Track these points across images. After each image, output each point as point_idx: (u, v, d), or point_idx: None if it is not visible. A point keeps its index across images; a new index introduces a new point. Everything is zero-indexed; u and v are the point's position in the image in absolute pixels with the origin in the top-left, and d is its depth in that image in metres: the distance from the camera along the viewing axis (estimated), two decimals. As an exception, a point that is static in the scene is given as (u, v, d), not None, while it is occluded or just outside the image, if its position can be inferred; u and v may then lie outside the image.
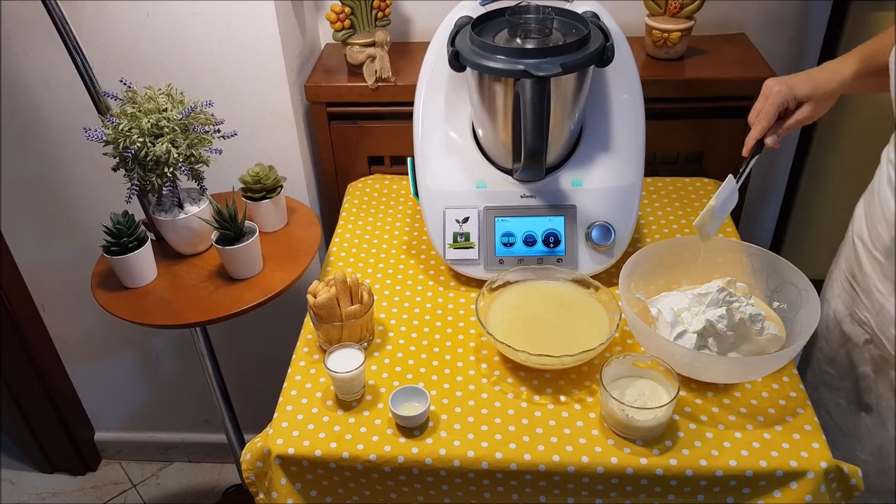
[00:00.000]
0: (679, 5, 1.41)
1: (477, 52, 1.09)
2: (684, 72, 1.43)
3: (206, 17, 1.34)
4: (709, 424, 0.99)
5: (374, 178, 1.55)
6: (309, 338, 1.16)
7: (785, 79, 1.07)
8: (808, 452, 0.95)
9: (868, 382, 1.11)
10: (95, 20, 1.35)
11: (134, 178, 1.19)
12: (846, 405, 1.15)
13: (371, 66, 1.44)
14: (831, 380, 1.17)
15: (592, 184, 1.21)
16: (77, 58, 1.17)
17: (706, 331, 1.03)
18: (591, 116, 1.22)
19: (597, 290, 1.14)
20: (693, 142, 1.50)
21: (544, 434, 0.98)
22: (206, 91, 1.41)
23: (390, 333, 1.16)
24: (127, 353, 1.90)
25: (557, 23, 1.15)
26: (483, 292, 1.13)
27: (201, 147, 1.20)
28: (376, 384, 1.07)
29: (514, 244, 1.20)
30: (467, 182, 1.22)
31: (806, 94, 1.06)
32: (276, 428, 1.02)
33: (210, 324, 1.19)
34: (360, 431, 1.00)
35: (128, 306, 1.21)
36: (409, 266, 1.30)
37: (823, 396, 1.19)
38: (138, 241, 1.22)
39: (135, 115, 1.15)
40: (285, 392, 1.07)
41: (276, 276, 1.25)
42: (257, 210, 1.33)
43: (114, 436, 2.12)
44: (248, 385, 1.90)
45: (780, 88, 1.06)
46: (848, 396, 1.15)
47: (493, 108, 1.15)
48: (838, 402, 1.16)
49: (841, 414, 1.16)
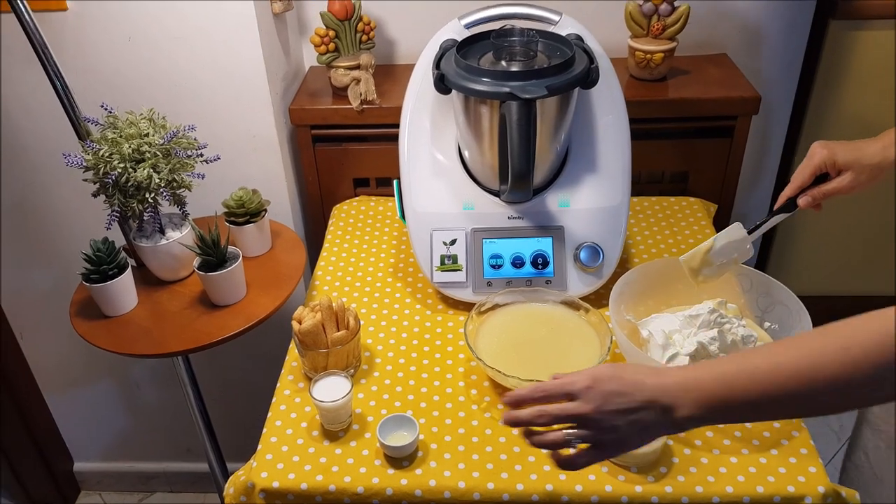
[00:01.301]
0: (661, 27, 1.42)
1: (462, 74, 1.08)
2: (667, 92, 1.44)
3: (189, 40, 1.33)
4: (703, 449, 0.97)
5: (360, 200, 1.53)
6: (294, 365, 1.14)
7: (831, 143, 1.03)
8: (805, 477, 0.93)
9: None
10: (76, 45, 1.33)
11: (114, 203, 1.16)
12: (884, 448, 1.08)
13: (356, 88, 1.43)
14: (876, 420, 1.11)
15: (580, 204, 1.20)
16: (57, 82, 1.15)
17: (698, 353, 1.02)
18: (577, 137, 1.22)
19: (586, 312, 1.13)
20: (677, 161, 1.51)
21: (537, 462, 0.97)
22: (189, 115, 1.39)
23: (377, 360, 1.14)
24: (107, 381, 1.86)
25: (542, 45, 1.15)
26: (472, 316, 1.11)
27: (183, 172, 1.19)
28: (363, 413, 1.05)
29: (503, 266, 1.19)
30: (454, 204, 1.21)
31: (846, 162, 1.00)
32: (260, 460, 0.99)
33: (192, 352, 1.16)
34: (347, 463, 0.98)
35: (108, 335, 1.19)
36: (396, 290, 1.28)
37: (864, 436, 1.13)
38: (118, 268, 1.19)
39: (115, 141, 1.13)
40: (269, 422, 1.05)
41: (260, 302, 1.23)
42: (241, 234, 1.31)
43: (93, 466, 2.07)
44: (231, 413, 1.86)
45: (821, 151, 1.02)
46: (888, 440, 1.08)
47: (479, 130, 1.14)
48: (878, 444, 1.09)
49: (878, 457, 1.10)
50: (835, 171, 1.02)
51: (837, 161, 1.01)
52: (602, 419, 0.71)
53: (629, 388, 0.71)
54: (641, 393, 0.70)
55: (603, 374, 0.73)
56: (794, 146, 1.70)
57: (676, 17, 1.41)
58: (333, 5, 1.40)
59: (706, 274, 1.09)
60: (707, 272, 1.09)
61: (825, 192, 1.03)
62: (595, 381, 0.72)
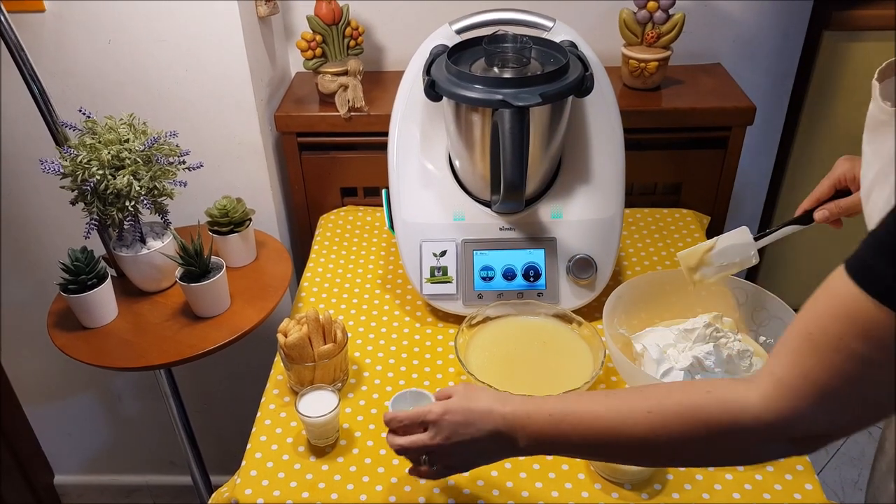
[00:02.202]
0: (656, 35, 1.40)
1: (454, 81, 1.06)
2: (661, 102, 1.42)
3: (172, 43, 1.30)
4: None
5: (348, 209, 1.51)
6: (279, 379, 1.11)
7: (855, 158, 0.99)
8: (802, 494, 0.92)
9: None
10: (54, 47, 1.30)
11: (93, 212, 1.13)
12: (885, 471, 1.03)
13: (343, 95, 1.40)
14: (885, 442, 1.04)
15: (572, 216, 1.18)
16: (34, 86, 1.12)
17: (693, 367, 1.00)
18: (570, 147, 1.20)
19: (579, 326, 1.10)
20: (671, 172, 1.49)
21: (528, 479, 0.94)
22: (172, 121, 1.36)
23: (365, 373, 1.11)
24: (87, 392, 1.83)
25: (535, 52, 1.13)
26: (462, 329, 1.09)
27: (165, 179, 1.15)
28: (351, 428, 1.02)
29: (494, 278, 1.17)
30: (444, 214, 1.19)
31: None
32: (244, 476, 0.96)
33: (174, 365, 1.13)
34: (334, 479, 0.95)
35: (86, 348, 1.15)
36: (384, 302, 1.25)
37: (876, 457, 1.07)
38: (98, 278, 1.16)
39: (94, 147, 1.10)
40: (254, 437, 1.02)
41: (245, 314, 1.20)
42: (224, 244, 1.28)
43: (74, 479, 2.03)
44: (214, 425, 1.83)
45: (843, 165, 0.99)
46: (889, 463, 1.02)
47: (470, 139, 1.12)
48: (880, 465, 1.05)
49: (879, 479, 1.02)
50: (855, 185, 0.99)
51: (858, 175, 0.97)
52: (449, 450, 0.78)
53: (475, 419, 0.77)
54: (486, 423, 0.76)
55: (454, 406, 0.78)
56: (786, 157, 1.69)
57: (671, 25, 1.39)
58: (321, 9, 1.38)
59: (704, 273, 1.06)
60: (705, 272, 1.06)
61: (842, 206, 0.99)
62: (445, 413, 0.78)
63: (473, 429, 0.77)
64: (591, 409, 0.72)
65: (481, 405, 0.78)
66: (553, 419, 0.73)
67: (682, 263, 1.07)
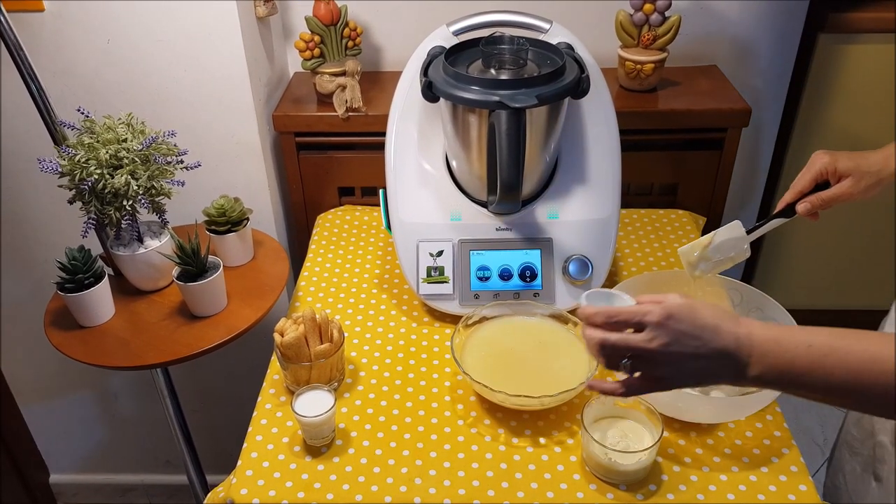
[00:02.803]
0: (652, 37, 1.41)
1: (451, 82, 1.06)
2: (657, 103, 1.43)
3: (171, 43, 1.30)
4: (693, 467, 0.96)
5: (345, 209, 1.51)
6: (275, 378, 1.11)
7: (833, 152, 1.02)
8: (796, 495, 0.92)
9: (883, 452, 1.04)
10: (53, 46, 1.30)
11: (91, 211, 1.13)
12: (860, 472, 1.09)
13: (341, 95, 1.41)
14: (854, 442, 1.11)
15: (569, 216, 1.18)
16: (32, 85, 1.12)
17: (688, 368, 1.00)
18: (567, 148, 1.20)
19: (575, 326, 1.11)
20: (667, 173, 1.49)
21: (524, 479, 0.94)
22: (170, 120, 1.36)
23: (362, 373, 1.11)
24: (83, 391, 1.82)
25: (532, 53, 1.13)
26: (458, 329, 1.09)
27: (163, 179, 1.15)
28: (347, 428, 1.02)
29: (490, 278, 1.17)
30: (441, 215, 1.19)
31: (847, 169, 0.99)
32: (240, 476, 0.96)
33: (171, 365, 1.13)
34: (330, 479, 0.95)
35: (83, 347, 1.15)
36: (381, 301, 1.26)
37: (843, 458, 1.13)
38: (95, 277, 1.16)
39: (92, 146, 1.10)
40: (250, 437, 1.02)
41: (242, 313, 1.20)
42: (222, 244, 1.28)
43: (70, 478, 2.02)
44: (211, 424, 1.83)
45: (822, 158, 1.01)
46: (864, 463, 1.08)
47: (467, 140, 1.12)
48: (854, 467, 1.10)
49: (854, 481, 1.10)
50: (835, 178, 1.01)
51: (838, 168, 1.00)
52: (666, 358, 0.69)
53: (704, 333, 0.68)
54: (716, 340, 0.68)
55: (680, 312, 0.69)
56: (782, 159, 1.70)
57: (667, 27, 1.40)
58: (319, 10, 1.38)
59: (703, 269, 1.07)
60: (704, 267, 1.07)
61: (824, 198, 1.02)
62: (669, 318, 0.69)
63: (699, 342, 0.68)
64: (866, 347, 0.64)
65: (708, 319, 0.69)
66: (813, 351, 0.65)
67: (682, 259, 1.08)
